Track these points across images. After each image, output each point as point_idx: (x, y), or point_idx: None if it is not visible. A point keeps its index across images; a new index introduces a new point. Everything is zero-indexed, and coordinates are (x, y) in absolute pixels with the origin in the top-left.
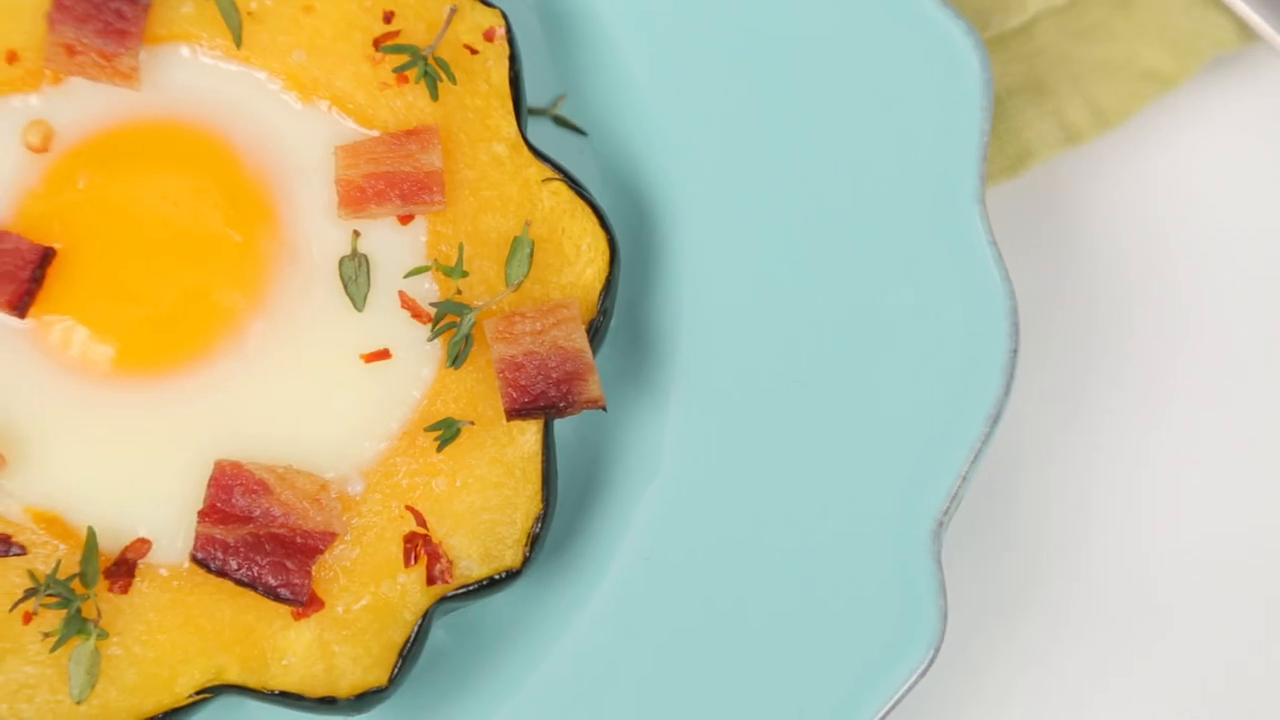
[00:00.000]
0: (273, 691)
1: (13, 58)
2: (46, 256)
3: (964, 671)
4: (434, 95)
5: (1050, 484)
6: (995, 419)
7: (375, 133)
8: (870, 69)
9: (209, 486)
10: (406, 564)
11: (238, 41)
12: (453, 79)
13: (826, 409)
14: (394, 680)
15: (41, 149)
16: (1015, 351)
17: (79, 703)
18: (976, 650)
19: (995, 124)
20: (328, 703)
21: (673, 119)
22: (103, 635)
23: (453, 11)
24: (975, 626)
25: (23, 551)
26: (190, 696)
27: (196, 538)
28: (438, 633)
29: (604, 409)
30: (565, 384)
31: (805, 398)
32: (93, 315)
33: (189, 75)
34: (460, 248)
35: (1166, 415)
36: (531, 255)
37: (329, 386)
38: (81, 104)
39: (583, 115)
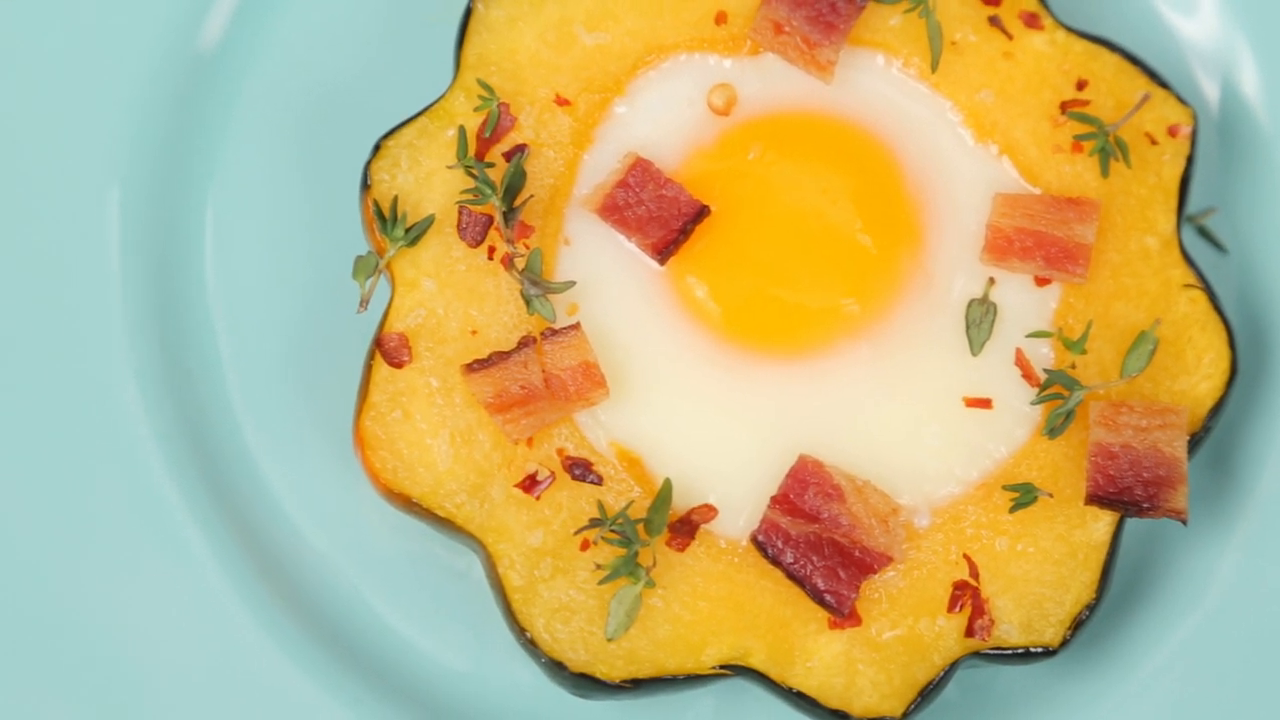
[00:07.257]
0: (790, 689)
1: (721, 19)
2: (701, 213)
3: None
4: (1105, 172)
5: None
6: None
7: (1036, 190)
8: None
9: (787, 477)
10: (949, 609)
11: (934, 66)
12: (1128, 162)
13: None
14: (906, 716)
15: (723, 112)
16: None
17: (609, 640)
18: None
19: None
20: (839, 716)
21: None
22: (650, 584)
23: (1146, 97)
24: None
25: (599, 481)
26: (711, 668)
27: (762, 521)
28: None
29: (1184, 522)
30: (1154, 486)
31: None
32: (719, 280)
33: (878, 83)
34: (1088, 325)
35: None
36: (1153, 353)
37: (924, 417)
38: (769, 80)
39: (1228, 232)
